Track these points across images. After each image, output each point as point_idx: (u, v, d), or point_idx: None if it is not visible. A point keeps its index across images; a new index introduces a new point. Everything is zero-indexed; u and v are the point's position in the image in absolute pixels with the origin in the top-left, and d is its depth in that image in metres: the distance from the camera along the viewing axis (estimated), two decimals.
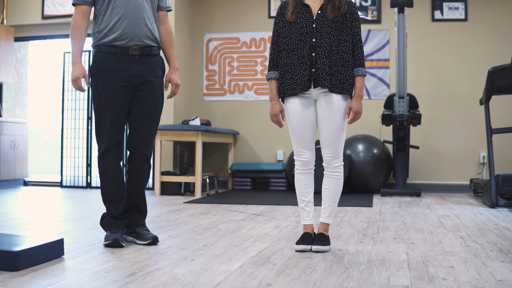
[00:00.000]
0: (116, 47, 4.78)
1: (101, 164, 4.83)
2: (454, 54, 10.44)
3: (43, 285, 3.32)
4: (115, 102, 4.78)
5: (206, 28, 11.32)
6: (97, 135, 4.83)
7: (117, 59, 4.79)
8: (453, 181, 10.31)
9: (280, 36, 4.69)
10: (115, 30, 4.77)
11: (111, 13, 4.77)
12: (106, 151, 4.80)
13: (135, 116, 4.91)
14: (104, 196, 4.86)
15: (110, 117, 4.77)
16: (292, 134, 4.67)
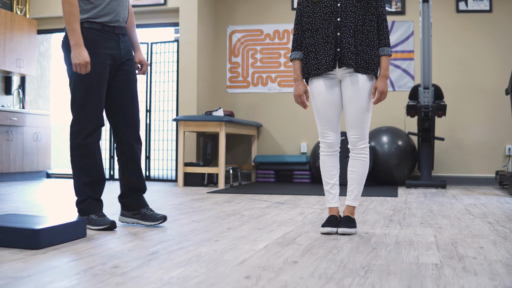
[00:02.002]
0: (104, 25, 4.70)
1: (83, 145, 4.66)
2: (479, 45, 10.33)
3: (64, 261, 3.27)
4: (102, 81, 4.69)
5: (229, 20, 11.27)
6: (79, 114, 4.64)
7: (105, 36, 4.72)
8: (479, 173, 10.19)
9: (304, 16, 4.62)
10: (107, 11, 4.70)
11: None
12: (91, 132, 4.67)
13: (119, 96, 4.83)
14: (84, 178, 4.69)
15: (97, 96, 4.67)
16: (316, 116, 4.59)
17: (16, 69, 10.73)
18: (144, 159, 10.73)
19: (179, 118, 9.27)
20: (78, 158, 4.67)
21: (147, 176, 10.72)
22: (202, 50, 10.56)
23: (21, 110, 10.47)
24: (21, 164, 10.47)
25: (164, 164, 10.61)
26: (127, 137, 4.87)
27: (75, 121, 4.66)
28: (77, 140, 4.65)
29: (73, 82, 4.66)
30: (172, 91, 10.63)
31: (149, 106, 10.76)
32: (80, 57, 4.45)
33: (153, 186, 9.41)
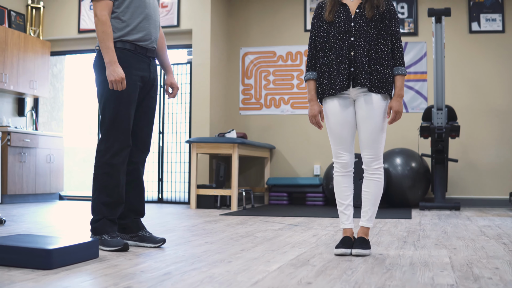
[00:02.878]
0: (137, 46, 4.74)
1: (109, 164, 4.65)
2: (492, 66, 10.30)
3: (76, 282, 3.25)
4: (132, 101, 4.72)
5: (242, 42, 11.29)
6: (108, 133, 4.64)
7: (137, 58, 4.76)
8: (493, 195, 10.12)
9: (318, 36, 4.62)
10: (139, 30, 4.74)
11: (134, 11, 4.73)
12: (119, 151, 4.67)
13: (138, 120, 4.87)
14: (104, 198, 4.65)
15: (126, 116, 4.68)
16: (330, 136, 4.57)
17: (29, 91, 10.76)
18: (157, 181, 10.72)
19: (192, 140, 9.26)
20: (101, 177, 4.66)
21: (160, 198, 10.70)
22: (215, 72, 10.57)
23: (34, 132, 10.49)
24: (34, 185, 10.47)
25: (177, 186, 10.60)
26: (135, 159, 4.91)
27: (103, 140, 4.68)
28: (103, 158, 4.65)
29: (103, 101, 4.68)
30: (185, 113, 10.63)
31: (162, 128, 10.76)
32: (115, 74, 4.48)
33: (166, 208, 9.38)
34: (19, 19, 10.99)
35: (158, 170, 10.72)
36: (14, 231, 5.84)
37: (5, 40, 10.18)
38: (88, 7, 11.05)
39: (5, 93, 10.71)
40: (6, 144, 9.81)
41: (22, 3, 11.15)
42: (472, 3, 10.43)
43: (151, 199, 10.72)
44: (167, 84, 5.14)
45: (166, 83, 5.15)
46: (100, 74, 4.68)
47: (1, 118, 10.55)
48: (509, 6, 10.37)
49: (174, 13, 10.58)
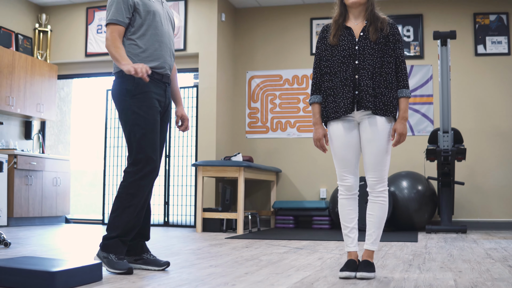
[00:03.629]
0: (153, 71, 4.78)
1: (137, 186, 4.66)
2: (499, 88, 10.30)
3: None
4: (156, 123, 4.78)
5: (248, 65, 11.32)
6: (137, 157, 4.67)
7: (155, 83, 4.80)
8: (500, 218, 10.08)
9: (323, 60, 4.64)
10: (156, 57, 4.80)
11: (150, 38, 4.79)
12: (148, 173, 4.70)
13: None
14: (124, 218, 4.63)
15: (153, 138, 4.73)
16: (335, 159, 4.58)
17: (37, 114, 10.79)
18: (163, 204, 10.71)
19: (198, 163, 9.27)
20: (126, 197, 4.65)
21: (166, 222, 10.69)
22: (222, 95, 10.60)
23: (41, 155, 10.52)
24: (40, 208, 10.47)
25: (183, 210, 10.58)
26: None
27: (133, 163, 4.70)
28: (131, 179, 4.66)
29: (129, 126, 4.72)
30: (191, 136, 10.64)
31: (168, 151, 10.77)
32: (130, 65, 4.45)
33: (172, 231, 9.38)
34: (26, 42, 11.05)
35: (164, 194, 10.71)
36: (19, 254, 5.84)
37: (12, 64, 10.23)
38: (95, 31, 11.11)
39: (12, 116, 10.75)
40: (13, 167, 9.83)
41: (30, 26, 11.21)
42: (478, 26, 10.45)
43: (157, 222, 10.70)
44: (177, 116, 5.18)
45: (177, 115, 5.18)
46: (121, 101, 4.75)
47: (8, 141, 10.58)
48: None
49: (181, 37, 10.63)
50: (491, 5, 10.50)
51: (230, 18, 11.19)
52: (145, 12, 4.79)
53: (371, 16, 4.59)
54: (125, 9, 4.72)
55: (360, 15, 4.63)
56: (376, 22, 4.56)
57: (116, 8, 4.71)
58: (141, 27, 4.78)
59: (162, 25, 4.92)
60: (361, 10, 4.62)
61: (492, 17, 10.46)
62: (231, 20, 11.26)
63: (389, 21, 4.62)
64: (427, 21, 10.69)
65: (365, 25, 4.57)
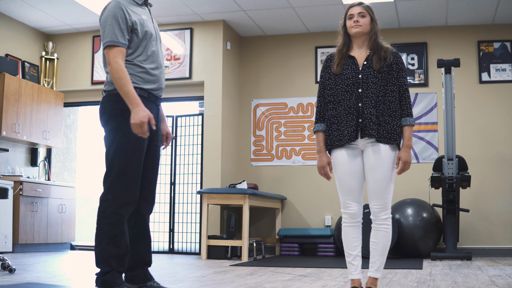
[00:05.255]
0: (150, 93, 4.74)
1: (117, 214, 4.53)
2: (503, 116, 10.33)
3: None
4: (143, 150, 4.68)
5: (253, 93, 11.36)
6: (117, 182, 4.54)
7: (149, 105, 4.73)
8: (505, 245, 10.06)
9: (327, 88, 4.69)
10: (152, 78, 4.74)
11: (146, 59, 4.72)
12: (128, 202, 4.58)
13: (146, 170, 4.80)
14: (113, 250, 4.51)
15: (137, 165, 4.62)
16: (339, 186, 4.61)
17: (43, 141, 10.83)
18: (168, 232, 10.71)
19: (203, 191, 9.28)
20: (108, 228, 4.51)
21: (171, 249, 10.68)
22: (227, 123, 10.63)
23: (47, 182, 10.54)
24: (45, 235, 10.48)
25: (188, 237, 10.58)
26: (143, 211, 4.84)
27: (110, 189, 4.55)
28: (110, 208, 4.52)
29: (113, 148, 4.58)
30: (196, 164, 10.67)
31: (174, 179, 10.78)
32: (138, 117, 4.39)
33: (177, 259, 9.37)
34: (33, 70, 11.11)
35: (170, 221, 10.71)
36: (23, 280, 5.85)
37: (18, 91, 10.28)
38: (101, 59, 11.16)
39: (18, 143, 10.78)
40: (18, 194, 9.85)
41: (36, 54, 11.28)
42: (482, 54, 10.50)
43: (162, 249, 10.70)
44: (163, 134, 5.09)
45: (162, 133, 5.09)
46: (112, 121, 4.62)
47: (14, 168, 10.61)
48: None
49: (186, 65, 10.68)
50: (495, 32, 10.55)
51: (235, 47, 11.26)
52: (142, 32, 4.70)
53: (375, 45, 4.65)
54: (125, 29, 4.60)
55: (364, 44, 4.69)
56: (380, 51, 4.62)
57: (116, 28, 4.57)
58: (138, 47, 4.69)
59: (157, 45, 4.88)
60: (364, 40, 4.68)
61: (496, 45, 10.51)
62: (236, 49, 11.32)
63: (393, 50, 4.68)
64: (431, 49, 10.74)
65: (369, 54, 4.63)
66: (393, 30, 10.80)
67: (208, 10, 10.21)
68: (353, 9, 4.70)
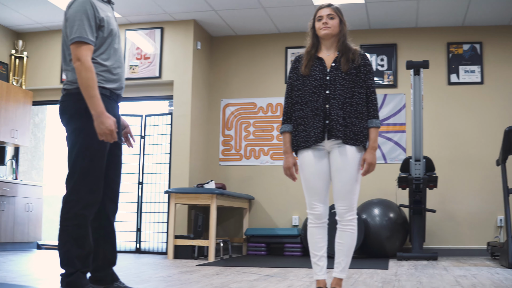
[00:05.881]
0: (112, 92, 4.68)
1: (80, 216, 4.46)
2: (471, 117, 10.41)
3: None
4: (106, 150, 4.62)
5: (223, 93, 11.35)
6: (80, 183, 4.47)
7: (112, 104, 4.68)
8: (470, 245, 10.14)
9: (294, 89, 4.70)
10: (114, 77, 4.68)
11: (109, 58, 4.66)
12: (91, 203, 4.51)
13: (110, 170, 4.75)
14: (76, 251, 4.45)
15: (100, 166, 4.57)
16: (305, 187, 4.62)
17: (10, 140, 10.73)
18: (135, 231, 10.66)
19: (170, 190, 9.26)
20: (72, 229, 4.45)
21: (138, 249, 10.62)
22: (196, 122, 10.61)
23: (14, 181, 10.47)
24: (12, 234, 10.39)
25: (155, 237, 10.54)
26: (107, 211, 4.78)
27: (73, 190, 4.48)
28: (74, 210, 4.45)
29: (76, 149, 4.51)
30: (164, 164, 10.63)
31: (142, 178, 10.74)
32: (105, 126, 4.34)
33: (143, 258, 9.34)
34: (2, 68, 11.02)
35: (137, 220, 10.67)
36: None
37: None
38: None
39: None
40: None
41: (6, 52, 11.18)
42: (451, 55, 10.57)
43: (128, 249, 10.64)
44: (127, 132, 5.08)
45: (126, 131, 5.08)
46: (75, 120, 4.53)
47: None
48: (488, 58, 10.52)
49: (156, 64, 10.65)
50: (464, 34, 10.63)
51: (206, 46, 11.24)
52: (108, 30, 4.64)
53: (343, 47, 4.66)
54: (94, 26, 4.52)
55: (332, 46, 4.70)
56: (348, 53, 4.63)
57: (86, 24, 4.48)
58: (102, 45, 4.62)
59: (119, 43, 4.83)
60: (333, 41, 4.70)
61: (466, 47, 10.58)
62: (207, 48, 11.31)
63: (361, 52, 4.70)
64: (401, 50, 10.80)
65: (337, 56, 4.65)
66: (364, 31, 10.84)
67: (179, 10, 10.19)
68: (322, 10, 4.71)
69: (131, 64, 10.69)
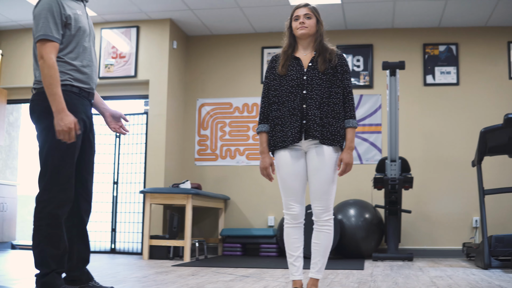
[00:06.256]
0: (81, 89, 4.64)
1: (54, 215, 4.43)
2: (447, 118, 10.44)
3: None
4: (77, 149, 4.59)
5: (198, 93, 11.31)
6: (52, 182, 4.44)
7: (82, 101, 4.65)
8: (446, 246, 10.17)
9: (271, 89, 4.67)
10: (83, 77, 4.63)
11: (78, 56, 4.62)
12: (64, 202, 4.48)
13: (82, 168, 4.73)
14: (51, 251, 4.42)
15: (71, 164, 4.54)
16: (281, 187, 4.60)
17: None
18: (110, 231, 10.58)
19: (146, 190, 9.22)
20: (46, 229, 4.42)
21: (113, 249, 10.55)
22: (171, 122, 10.57)
23: None
24: None
25: (130, 237, 10.48)
26: (80, 210, 4.75)
27: (46, 189, 4.45)
28: (47, 209, 4.41)
29: (46, 148, 4.49)
30: (140, 163, 10.57)
31: (117, 178, 10.67)
32: (64, 123, 4.30)
33: (118, 259, 9.28)
34: None
35: (112, 220, 10.60)
36: None
37: None
38: None
39: None
40: None
41: None
42: (427, 56, 10.60)
43: (103, 249, 10.57)
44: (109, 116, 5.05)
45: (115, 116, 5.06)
46: (44, 119, 4.50)
47: None
48: (464, 59, 10.56)
49: (132, 63, 10.59)
50: (440, 36, 10.67)
51: (182, 46, 11.20)
52: (75, 28, 4.59)
53: (320, 47, 4.65)
54: (60, 24, 4.48)
55: (309, 46, 4.69)
56: (325, 53, 4.62)
57: (51, 22, 4.45)
58: (70, 43, 4.58)
59: (90, 41, 4.78)
60: (310, 41, 4.69)
61: (442, 48, 10.61)
62: (183, 48, 11.27)
63: (338, 52, 4.69)
64: (377, 51, 10.82)
65: (314, 55, 4.63)
66: (340, 32, 10.84)
67: (155, 9, 10.14)
68: (299, 10, 4.70)
69: (107, 63, 10.63)
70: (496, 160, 9.71)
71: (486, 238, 7.66)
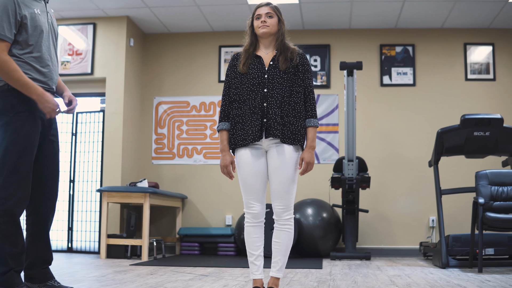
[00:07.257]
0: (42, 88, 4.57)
1: (11, 213, 4.38)
2: (403, 118, 10.53)
3: None
4: (34, 146, 4.55)
5: (156, 91, 11.25)
6: (9, 179, 4.39)
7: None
8: (403, 245, 10.25)
9: (232, 87, 4.66)
10: (43, 75, 4.60)
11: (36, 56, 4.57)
12: (21, 200, 4.44)
13: (43, 167, 4.70)
14: (8, 249, 4.37)
15: (29, 162, 4.50)
16: (242, 186, 4.59)
17: None
18: (66, 230, 10.48)
19: (102, 189, 9.15)
20: (3, 227, 4.36)
21: (70, 248, 10.45)
22: (128, 120, 10.50)
23: None
24: None
25: (87, 236, 10.39)
26: (42, 208, 4.71)
27: (3, 187, 4.38)
28: (4, 207, 4.35)
29: (4, 145, 4.43)
30: (96, 162, 10.48)
31: (73, 176, 10.57)
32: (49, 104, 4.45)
33: (75, 258, 9.20)
34: None
35: (68, 219, 10.50)
36: None
37: None
38: None
39: None
40: None
41: None
42: (384, 57, 10.67)
43: (60, 248, 10.46)
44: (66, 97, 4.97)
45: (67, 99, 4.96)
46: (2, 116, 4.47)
47: None
48: (420, 60, 10.66)
49: (88, 61, 10.50)
50: (397, 37, 10.75)
51: (139, 44, 11.14)
52: (32, 28, 4.55)
53: (281, 46, 4.65)
54: (13, 23, 4.43)
55: (271, 45, 4.69)
56: (286, 52, 4.62)
57: (5, 21, 4.40)
58: (27, 43, 4.53)
59: (49, 40, 4.73)
60: (271, 40, 4.69)
61: (398, 49, 10.69)
62: (140, 46, 11.21)
63: (299, 51, 4.69)
64: (334, 51, 10.86)
65: (275, 54, 4.63)
66: (297, 31, 10.85)
67: (112, 6, 10.06)
68: (261, 9, 4.70)
69: (63, 60, 10.52)
70: (453, 160, 9.81)
71: (444, 238, 7.73)
